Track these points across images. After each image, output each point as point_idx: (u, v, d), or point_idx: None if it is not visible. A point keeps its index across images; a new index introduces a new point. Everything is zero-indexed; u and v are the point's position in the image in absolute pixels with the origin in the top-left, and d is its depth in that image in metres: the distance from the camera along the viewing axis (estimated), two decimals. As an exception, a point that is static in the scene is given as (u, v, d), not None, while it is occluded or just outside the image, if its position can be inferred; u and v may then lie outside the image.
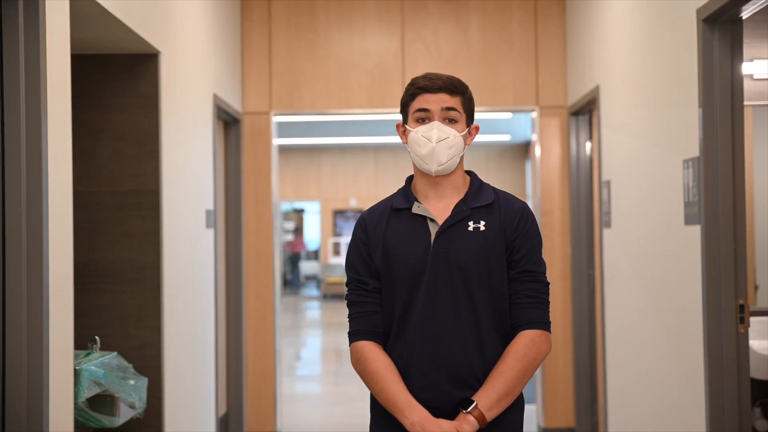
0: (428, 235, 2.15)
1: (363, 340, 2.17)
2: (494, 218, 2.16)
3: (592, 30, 4.87)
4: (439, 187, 2.19)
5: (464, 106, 2.18)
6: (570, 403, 5.54)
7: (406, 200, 2.21)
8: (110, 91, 3.70)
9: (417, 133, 2.15)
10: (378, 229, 2.19)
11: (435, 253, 2.12)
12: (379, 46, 5.63)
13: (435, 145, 2.11)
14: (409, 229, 2.17)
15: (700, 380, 3.09)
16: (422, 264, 2.12)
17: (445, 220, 2.15)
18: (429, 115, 2.15)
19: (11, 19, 2.41)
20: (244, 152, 5.60)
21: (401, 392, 2.09)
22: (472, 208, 2.16)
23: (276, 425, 5.62)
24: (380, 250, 2.17)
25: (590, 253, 5.38)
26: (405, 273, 2.13)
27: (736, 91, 2.98)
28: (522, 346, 2.11)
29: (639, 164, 3.91)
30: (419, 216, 2.18)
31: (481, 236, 2.13)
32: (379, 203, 2.27)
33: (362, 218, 2.26)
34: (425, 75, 2.18)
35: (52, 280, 2.50)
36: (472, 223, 2.15)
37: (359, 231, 2.23)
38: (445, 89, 2.14)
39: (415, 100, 2.17)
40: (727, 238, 2.97)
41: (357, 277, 2.20)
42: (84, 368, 2.90)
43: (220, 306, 5.18)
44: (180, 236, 4.02)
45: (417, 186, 2.23)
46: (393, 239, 2.17)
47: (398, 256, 2.14)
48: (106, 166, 3.69)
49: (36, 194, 2.44)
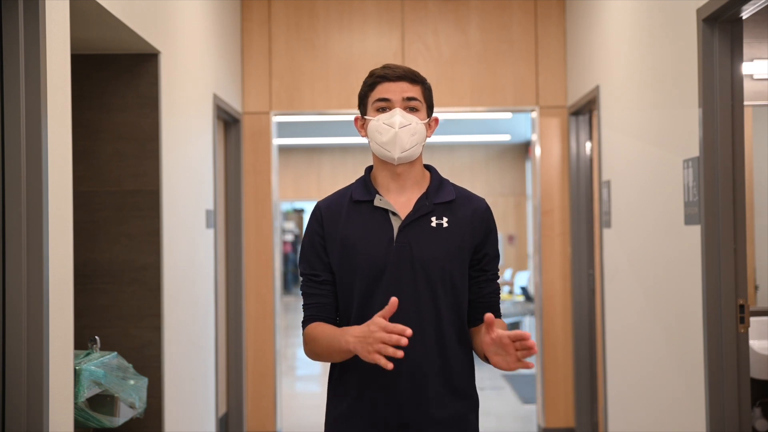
0: (390, 230, 2.10)
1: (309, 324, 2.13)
2: (458, 217, 2.13)
3: (592, 30, 4.87)
4: (401, 179, 2.14)
5: (424, 96, 2.14)
6: (570, 403, 5.54)
7: (366, 192, 2.15)
8: (110, 91, 3.70)
9: (378, 121, 2.10)
10: (336, 222, 2.13)
11: (398, 248, 2.07)
12: (379, 46, 5.63)
13: (398, 131, 2.07)
14: (370, 222, 2.11)
15: (700, 380, 3.09)
16: (384, 259, 2.07)
17: (408, 214, 2.10)
18: (390, 105, 2.10)
19: (11, 19, 2.41)
20: (244, 152, 5.60)
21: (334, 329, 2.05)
22: (435, 204, 2.12)
23: (276, 425, 5.62)
24: (339, 243, 2.11)
25: (590, 253, 5.38)
26: (366, 267, 2.07)
27: (736, 91, 2.98)
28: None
29: (639, 164, 3.91)
30: (380, 209, 2.12)
31: (444, 233, 2.10)
32: (336, 193, 2.20)
33: (318, 209, 2.17)
34: (384, 65, 2.14)
35: (52, 280, 2.50)
36: (435, 219, 2.11)
37: (314, 223, 2.16)
38: (405, 78, 2.10)
39: (375, 90, 2.12)
40: (727, 238, 2.97)
41: (309, 271, 2.14)
42: (84, 368, 2.90)
43: (220, 306, 5.18)
44: (180, 236, 4.02)
45: (377, 178, 2.17)
46: (353, 233, 2.10)
47: (359, 250, 2.09)
48: (106, 166, 3.69)
49: (36, 194, 2.43)
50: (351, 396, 2.10)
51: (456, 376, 2.10)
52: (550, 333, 5.58)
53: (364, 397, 2.08)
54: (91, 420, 2.98)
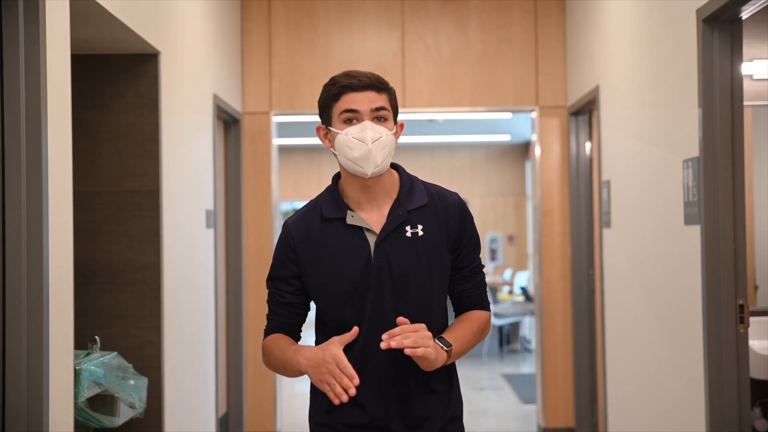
0: (367, 246, 2.02)
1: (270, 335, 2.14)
2: (432, 222, 2.06)
3: (592, 30, 4.87)
4: (371, 191, 2.05)
5: (391, 104, 2.04)
6: (570, 403, 5.54)
7: (337, 208, 2.06)
8: (110, 91, 3.70)
9: (347, 135, 1.99)
10: (309, 244, 2.05)
11: (377, 265, 2.01)
12: (379, 46, 5.64)
13: (371, 147, 1.96)
14: (345, 242, 2.03)
15: (700, 380, 3.09)
16: (366, 279, 2.01)
17: (382, 228, 2.03)
18: (358, 116, 2.00)
19: (11, 19, 2.41)
20: (244, 152, 5.60)
21: (287, 345, 2.05)
22: (408, 212, 2.05)
23: (276, 425, 5.62)
24: (313, 266, 2.04)
25: (590, 253, 5.38)
26: (347, 288, 2.01)
27: (736, 91, 2.98)
28: (484, 324, 2.13)
29: (639, 164, 3.91)
30: (354, 226, 2.04)
31: (420, 242, 2.04)
32: (304, 209, 2.12)
33: (287, 230, 2.09)
34: (346, 73, 2.03)
35: (52, 280, 2.50)
36: (410, 228, 2.04)
37: (285, 247, 2.08)
38: (371, 87, 2.00)
39: (340, 101, 2.01)
40: (727, 238, 2.97)
41: (274, 290, 2.11)
42: (84, 368, 2.90)
43: (220, 306, 5.18)
44: (180, 236, 4.02)
45: (346, 190, 2.08)
46: (329, 255, 2.03)
47: (338, 272, 2.02)
48: (106, 166, 3.69)
49: (36, 194, 2.43)
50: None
51: (437, 379, 2.08)
52: (550, 333, 5.58)
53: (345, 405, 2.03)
54: (91, 420, 2.98)
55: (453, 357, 2.04)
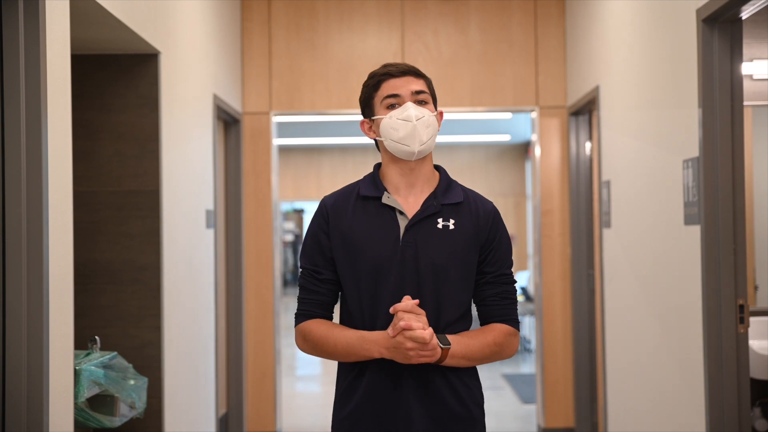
0: (397, 228, 2.07)
1: (307, 320, 2.12)
2: (464, 219, 2.10)
3: (592, 30, 4.87)
4: (412, 175, 2.10)
5: (430, 89, 2.12)
6: (570, 403, 5.54)
7: (375, 188, 2.11)
8: (110, 91, 3.70)
9: (391, 118, 2.06)
10: (342, 217, 2.10)
11: (404, 247, 2.05)
12: (379, 46, 5.64)
13: (416, 123, 2.03)
14: (376, 219, 2.08)
15: (699, 380, 3.09)
16: (391, 258, 2.05)
17: (415, 213, 2.07)
18: (399, 100, 2.07)
19: (11, 19, 2.41)
20: (244, 152, 5.60)
21: (352, 334, 2.05)
22: (443, 205, 2.09)
23: (276, 425, 5.62)
24: (343, 239, 2.08)
25: (590, 253, 5.38)
26: (371, 266, 2.05)
27: (736, 91, 2.98)
28: (503, 336, 2.10)
29: (639, 164, 3.91)
30: (388, 207, 2.09)
31: (449, 236, 2.07)
32: (342, 189, 2.16)
33: (324, 204, 2.14)
34: (383, 65, 2.12)
35: (52, 280, 2.50)
36: (441, 221, 2.08)
37: (320, 218, 2.12)
38: (409, 72, 2.09)
39: (381, 89, 2.09)
40: (726, 238, 2.97)
41: (311, 266, 2.12)
42: (84, 368, 2.90)
43: (220, 306, 5.19)
44: (180, 236, 4.02)
45: (387, 175, 2.13)
46: (359, 229, 2.07)
47: (364, 248, 2.06)
48: (106, 166, 3.69)
49: (36, 194, 2.44)
50: (359, 396, 2.09)
51: (459, 376, 2.10)
52: (550, 333, 5.58)
53: (372, 398, 2.08)
54: (91, 420, 2.98)
55: (452, 359, 2.03)
